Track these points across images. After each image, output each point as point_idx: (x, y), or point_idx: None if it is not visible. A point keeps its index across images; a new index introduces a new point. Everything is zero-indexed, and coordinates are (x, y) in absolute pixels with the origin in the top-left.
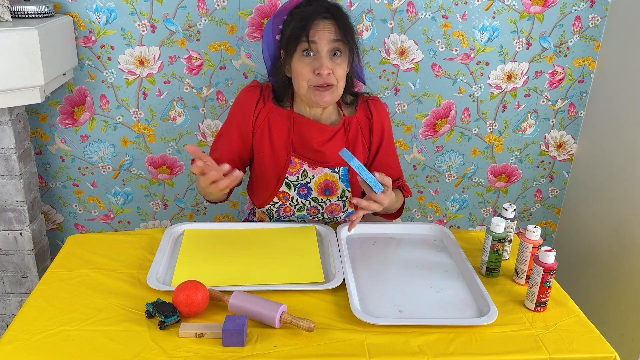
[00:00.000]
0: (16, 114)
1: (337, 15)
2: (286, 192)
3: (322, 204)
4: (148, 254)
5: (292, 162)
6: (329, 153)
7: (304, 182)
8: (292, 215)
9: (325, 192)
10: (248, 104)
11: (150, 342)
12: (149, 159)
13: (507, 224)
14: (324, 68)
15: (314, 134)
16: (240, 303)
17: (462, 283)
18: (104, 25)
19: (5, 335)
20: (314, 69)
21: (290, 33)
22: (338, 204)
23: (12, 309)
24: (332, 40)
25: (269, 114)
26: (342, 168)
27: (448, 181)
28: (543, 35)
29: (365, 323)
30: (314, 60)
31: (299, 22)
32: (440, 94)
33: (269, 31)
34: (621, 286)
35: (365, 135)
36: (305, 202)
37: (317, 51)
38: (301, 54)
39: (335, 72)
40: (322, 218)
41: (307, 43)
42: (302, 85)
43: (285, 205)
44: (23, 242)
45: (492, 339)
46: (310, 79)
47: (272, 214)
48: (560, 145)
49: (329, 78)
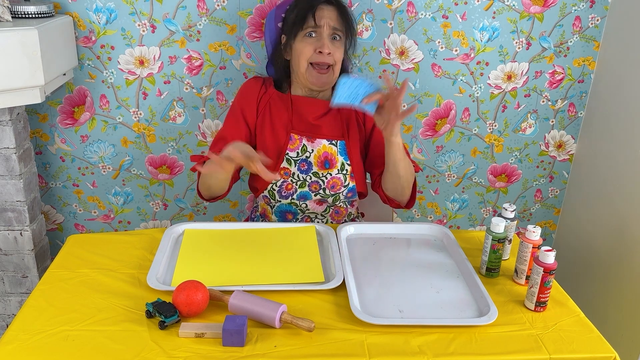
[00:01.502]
0: (16, 114)
1: (339, 3)
2: (287, 169)
3: (322, 178)
4: (148, 254)
5: (292, 138)
6: (325, 126)
7: (304, 157)
8: (294, 193)
9: (325, 165)
10: (252, 92)
11: (150, 342)
12: (149, 159)
13: (507, 223)
14: (326, 47)
15: (310, 108)
16: (240, 303)
17: (462, 283)
18: (104, 25)
19: (5, 335)
20: (316, 48)
21: (295, 17)
22: (339, 177)
23: (12, 309)
24: (333, 27)
25: (270, 99)
26: (340, 142)
27: (448, 181)
28: (543, 35)
29: (365, 323)
30: (316, 40)
31: (304, 6)
32: (440, 94)
33: (272, 19)
34: (621, 286)
35: (359, 114)
36: (307, 178)
37: (319, 33)
38: (304, 35)
39: (334, 54)
40: (324, 195)
41: (314, 23)
42: (302, 64)
43: (287, 182)
44: (23, 242)
45: (492, 339)
46: (311, 56)
47: (274, 196)
48: (560, 145)
49: (328, 58)
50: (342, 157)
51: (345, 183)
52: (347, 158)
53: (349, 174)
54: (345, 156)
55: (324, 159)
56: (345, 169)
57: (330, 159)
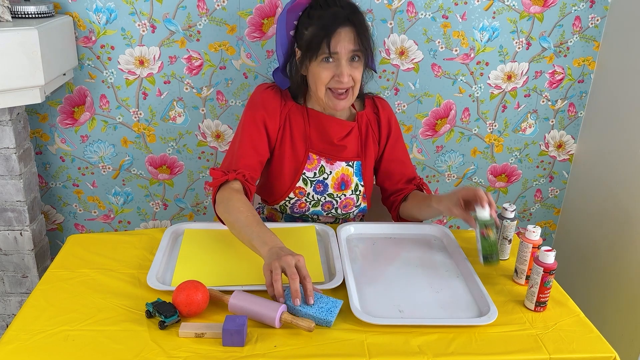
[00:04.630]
0: (16, 114)
1: (356, 21)
2: (302, 188)
3: (336, 198)
4: (148, 254)
5: (310, 158)
6: (349, 146)
7: (321, 179)
8: (306, 211)
9: (341, 187)
10: (274, 103)
11: (150, 342)
12: (149, 159)
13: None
14: (344, 76)
15: (335, 129)
16: (240, 303)
17: (462, 283)
18: (104, 25)
19: (5, 335)
20: (334, 75)
21: (311, 39)
22: (352, 197)
23: (12, 309)
24: (352, 49)
25: (290, 111)
26: (356, 162)
27: (448, 181)
28: (543, 35)
29: (365, 323)
30: (334, 66)
31: (319, 30)
32: (440, 94)
33: (283, 24)
34: (621, 286)
35: (374, 129)
36: (321, 198)
37: (337, 59)
38: (321, 60)
39: (353, 76)
40: (335, 214)
41: (329, 51)
42: (320, 89)
43: (301, 201)
44: (23, 242)
45: (492, 339)
46: (329, 82)
47: (285, 210)
48: (560, 145)
49: (348, 82)
50: (357, 177)
51: (357, 203)
52: (361, 179)
53: (361, 195)
54: (359, 177)
55: (341, 180)
56: (358, 190)
57: (347, 180)
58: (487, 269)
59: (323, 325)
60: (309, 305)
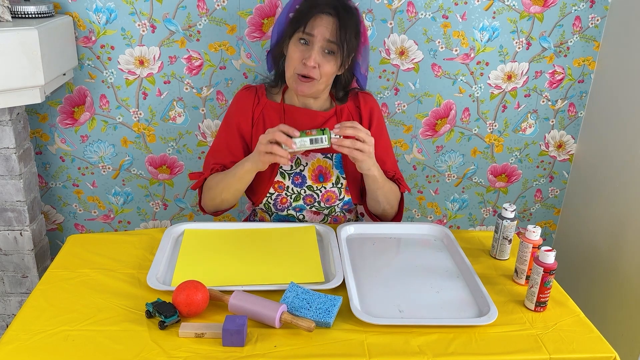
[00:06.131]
0: (16, 114)
1: (342, 15)
2: (281, 182)
3: (317, 191)
4: (148, 254)
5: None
6: None
7: (298, 171)
8: (289, 207)
9: (319, 179)
10: (245, 104)
11: (150, 342)
12: (149, 159)
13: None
14: (311, 60)
15: (305, 120)
16: (240, 303)
17: (462, 283)
18: (104, 25)
19: (5, 335)
20: (303, 58)
21: (295, 15)
22: (333, 190)
23: (12, 309)
24: (327, 40)
25: (264, 109)
26: (336, 155)
27: (448, 181)
28: (543, 35)
29: (365, 323)
30: (306, 49)
31: (305, 8)
32: (440, 94)
33: (287, 8)
34: (621, 286)
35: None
36: (301, 191)
37: (311, 43)
38: (297, 40)
39: (322, 67)
40: (319, 207)
41: (304, 30)
42: (289, 70)
43: (282, 195)
44: (23, 242)
45: (492, 339)
46: (297, 66)
47: (270, 209)
48: (560, 145)
49: (313, 71)
50: (337, 170)
51: (341, 196)
52: (342, 171)
53: (344, 188)
54: (341, 169)
55: (318, 172)
56: (340, 183)
57: (325, 172)
58: (487, 269)
59: (323, 327)
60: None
